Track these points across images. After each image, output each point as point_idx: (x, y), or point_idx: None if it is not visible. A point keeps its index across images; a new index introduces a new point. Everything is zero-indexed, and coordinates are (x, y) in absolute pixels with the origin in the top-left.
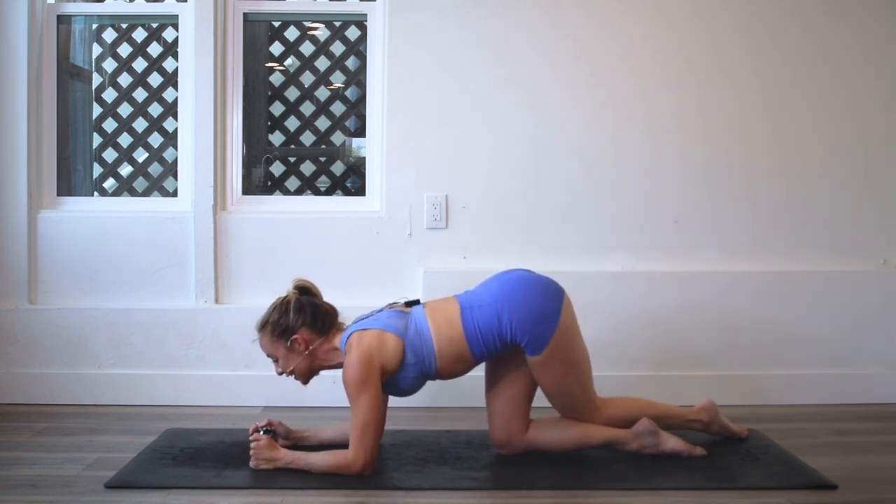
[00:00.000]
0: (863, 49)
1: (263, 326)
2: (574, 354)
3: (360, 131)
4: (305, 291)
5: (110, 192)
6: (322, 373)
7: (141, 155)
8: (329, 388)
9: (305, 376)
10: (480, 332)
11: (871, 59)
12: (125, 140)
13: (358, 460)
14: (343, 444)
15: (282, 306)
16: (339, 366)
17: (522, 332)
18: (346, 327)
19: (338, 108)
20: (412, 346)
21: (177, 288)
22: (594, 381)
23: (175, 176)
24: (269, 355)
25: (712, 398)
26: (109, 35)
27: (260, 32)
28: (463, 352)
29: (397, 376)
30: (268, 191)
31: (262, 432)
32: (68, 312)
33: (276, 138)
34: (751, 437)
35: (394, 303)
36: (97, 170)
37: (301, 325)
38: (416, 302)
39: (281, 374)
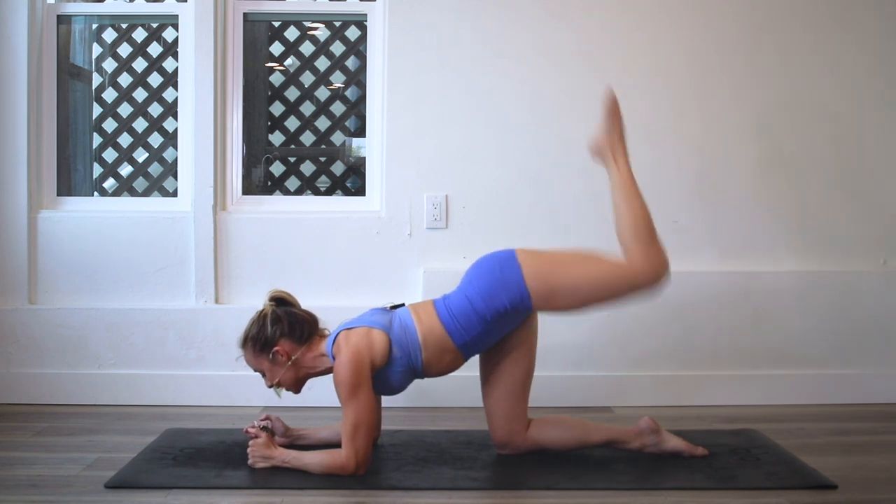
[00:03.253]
0: (861, 50)
1: (245, 343)
2: (559, 271)
3: (360, 131)
4: (282, 302)
5: (110, 192)
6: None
7: (141, 155)
8: (329, 388)
9: (294, 386)
10: (454, 315)
11: (870, 59)
12: (125, 140)
13: (350, 461)
14: (340, 444)
15: (259, 320)
16: (326, 372)
17: (498, 299)
18: (328, 333)
19: (338, 108)
20: (398, 340)
21: (177, 288)
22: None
23: (175, 176)
24: (255, 370)
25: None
26: (109, 35)
27: (260, 32)
28: (444, 341)
29: (385, 372)
30: (268, 191)
31: (259, 428)
32: (68, 312)
33: (276, 138)
34: (750, 437)
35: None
36: (97, 170)
37: (280, 336)
38: (401, 305)
39: (270, 387)
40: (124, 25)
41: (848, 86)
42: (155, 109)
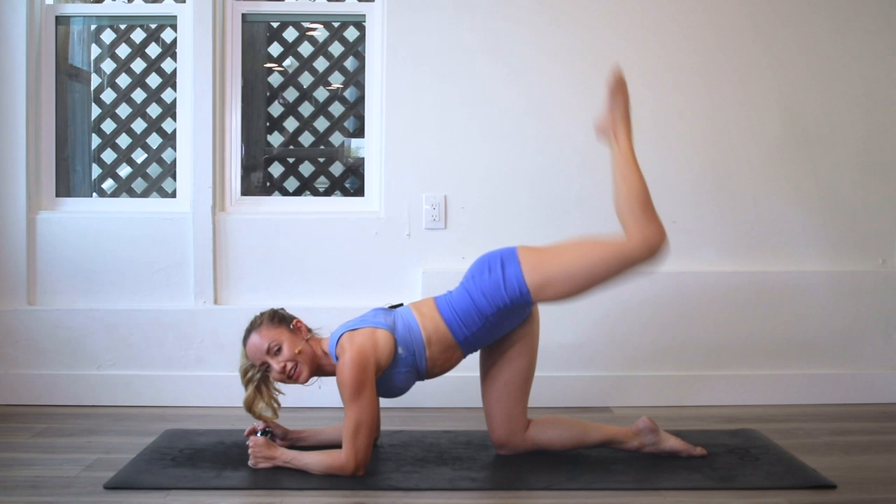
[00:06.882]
0: (864, 49)
1: (259, 323)
2: (553, 259)
3: (359, 132)
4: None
5: (109, 192)
6: None
7: (140, 156)
8: (328, 388)
9: (310, 363)
10: (456, 312)
11: (871, 58)
12: (124, 141)
13: (350, 461)
14: (340, 445)
15: (264, 312)
16: (328, 371)
17: (499, 296)
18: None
19: (336, 108)
20: (402, 339)
21: (176, 289)
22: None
23: (174, 177)
24: (267, 350)
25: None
26: (108, 36)
27: (258, 33)
28: (446, 336)
29: (390, 372)
30: (267, 192)
31: (259, 434)
32: (67, 313)
33: (275, 139)
34: (750, 437)
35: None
36: (96, 171)
37: (294, 316)
38: (400, 305)
39: (283, 370)
40: (123, 26)
41: (848, 87)
42: (154, 110)
